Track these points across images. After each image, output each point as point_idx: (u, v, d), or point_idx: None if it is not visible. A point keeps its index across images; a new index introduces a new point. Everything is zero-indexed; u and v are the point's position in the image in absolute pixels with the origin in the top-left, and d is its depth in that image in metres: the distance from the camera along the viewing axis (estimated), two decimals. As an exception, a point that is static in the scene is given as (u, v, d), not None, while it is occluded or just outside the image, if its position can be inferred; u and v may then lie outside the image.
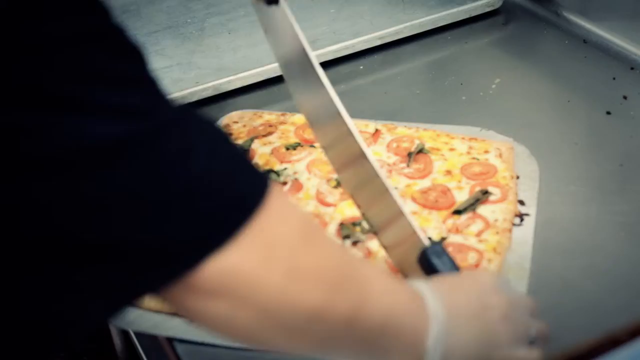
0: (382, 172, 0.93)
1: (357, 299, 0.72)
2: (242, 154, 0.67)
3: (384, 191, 0.94)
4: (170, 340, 0.95)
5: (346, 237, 1.06)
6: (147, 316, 0.97)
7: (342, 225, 1.08)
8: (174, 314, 0.96)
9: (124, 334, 1.64)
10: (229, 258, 0.63)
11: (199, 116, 0.67)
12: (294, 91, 1.04)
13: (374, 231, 0.97)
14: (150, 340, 1.03)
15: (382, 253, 1.00)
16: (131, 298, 0.66)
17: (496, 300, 0.84)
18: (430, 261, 0.89)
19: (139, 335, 1.16)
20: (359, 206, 0.97)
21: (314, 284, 0.69)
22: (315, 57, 0.97)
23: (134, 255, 0.61)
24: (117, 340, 1.71)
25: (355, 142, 0.93)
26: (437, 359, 0.77)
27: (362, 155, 0.93)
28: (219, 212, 0.63)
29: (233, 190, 0.65)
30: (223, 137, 0.67)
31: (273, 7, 1.02)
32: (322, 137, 1.01)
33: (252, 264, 0.65)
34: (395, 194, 0.93)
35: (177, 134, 0.63)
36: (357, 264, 0.77)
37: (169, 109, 0.64)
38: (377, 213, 0.96)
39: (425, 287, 0.80)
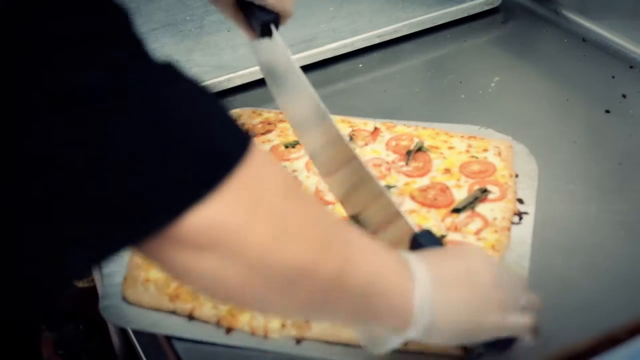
0: (374, 172, 0.94)
1: (343, 258, 0.73)
2: (226, 113, 0.68)
3: (378, 192, 0.95)
4: (169, 339, 0.95)
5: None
6: (146, 314, 0.97)
7: (341, 223, 1.07)
8: (173, 312, 0.96)
9: (123, 332, 1.64)
10: (212, 210, 0.64)
11: (185, 75, 0.67)
12: (285, 107, 1.06)
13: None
14: (148, 339, 1.03)
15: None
16: (114, 249, 0.66)
17: (483, 267, 0.84)
18: (420, 244, 0.89)
19: (137, 333, 1.16)
20: (348, 210, 0.98)
21: (301, 240, 0.69)
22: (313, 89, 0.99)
23: (116, 205, 0.62)
24: (115, 339, 1.71)
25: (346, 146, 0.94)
26: (425, 323, 0.78)
27: (353, 158, 0.94)
28: (200, 165, 0.64)
29: (215, 145, 0.65)
30: (208, 96, 0.68)
31: (267, 40, 1.04)
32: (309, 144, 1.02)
33: (237, 218, 0.65)
34: (387, 192, 0.94)
35: (162, 90, 0.63)
36: (342, 225, 0.77)
37: (154, 66, 0.65)
38: (370, 215, 0.96)
39: (409, 255, 0.81)
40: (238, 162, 0.65)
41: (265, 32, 1.05)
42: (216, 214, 0.64)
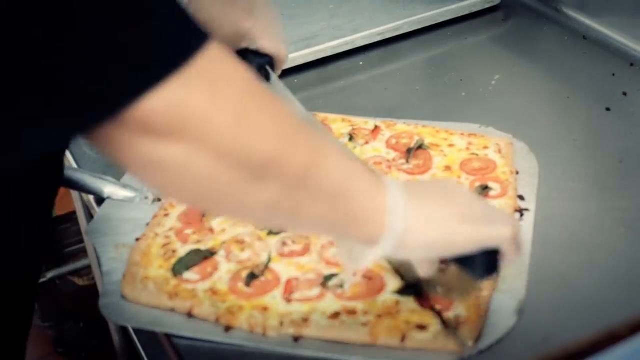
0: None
1: (312, 153, 0.72)
2: (187, 11, 0.67)
3: None
4: (169, 336, 0.95)
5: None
6: (145, 312, 0.97)
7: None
8: (172, 310, 0.96)
9: (123, 330, 1.65)
10: (173, 92, 0.63)
11: None
12: None
13: None
14: (148, 336, 1.03)
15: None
16: (70, 132, 0.66)
17: (459, 188, 0.85)
18: None
19: (137, 331, 1.16)
20: None
21: (267, 129, 0.69)
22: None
23: (73, 85, 0.61)
24: (115, 336, 1.71)
25: None
26: (398, 230, 0.77)
27: None
28: (159, 49, 0.63)
29: (175, 33, 0.65)
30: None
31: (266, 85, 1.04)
32: None
33: (197, 102, 0.64)
34: None
35: None
36: (309, 126, 0.75)
37: None
38: None
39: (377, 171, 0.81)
40: (197, 51, 0.64)
41: (262, 76, 1.06)
42: (175, 97, 0.63)
